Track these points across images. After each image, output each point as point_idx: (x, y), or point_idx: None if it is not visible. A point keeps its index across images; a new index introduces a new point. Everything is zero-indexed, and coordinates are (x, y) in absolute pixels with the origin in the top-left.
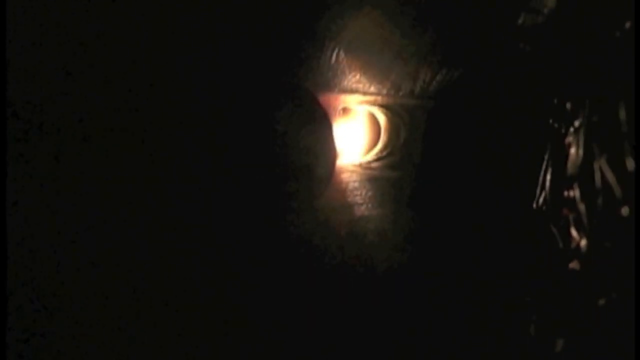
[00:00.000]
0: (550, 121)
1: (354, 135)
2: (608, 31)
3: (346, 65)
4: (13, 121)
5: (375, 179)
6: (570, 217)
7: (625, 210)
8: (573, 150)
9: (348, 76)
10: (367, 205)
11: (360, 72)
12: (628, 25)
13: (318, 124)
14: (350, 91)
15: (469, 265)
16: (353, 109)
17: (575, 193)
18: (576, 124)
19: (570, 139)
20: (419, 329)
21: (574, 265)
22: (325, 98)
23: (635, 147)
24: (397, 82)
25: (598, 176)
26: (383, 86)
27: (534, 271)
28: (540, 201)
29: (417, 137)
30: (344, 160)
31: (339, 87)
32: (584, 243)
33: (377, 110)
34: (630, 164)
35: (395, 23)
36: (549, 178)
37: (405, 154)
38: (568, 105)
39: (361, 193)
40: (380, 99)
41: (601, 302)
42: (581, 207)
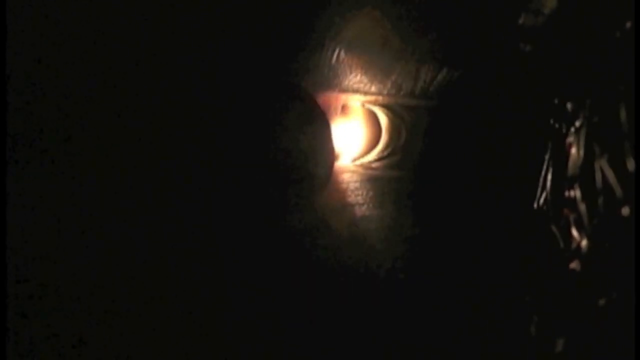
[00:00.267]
0: (551, 121)
1: (354, 135)
2: (608, 31)
3: (347, 65)
4: (13, 121)
5: (376, 179)
6: (571, 217)
7: (625, 210)
8: (574, 150)
9: (349, 76)
10: (368, 205)
11: (361, 72)
12: (628, 25)
13: (316, 124)
14: (351, 91)
15: (470, 265)
16: (354, 108)
17: (576, 193)
18: (577, 124)
19: (571, 139)
20: (419, 329)
21: (574, 265)
22: (326, 98)
23: (636, 147)
24: (398, 82)
25: (599, 176)
26: (384, 86)
27: (534, 271)
28: (541, 201)
29: (418, 137)
30: (344, 160)
31: (339, 87)
32: (584, 243)
33: (378, 110)
34: (631, 164)
35: (396, 23)
36: (549, 178)
37: (406, 153)
38: (569, 106)
39: (362, 193)
40: (381, 98)
41: (601, 302)
42: (582, 207)
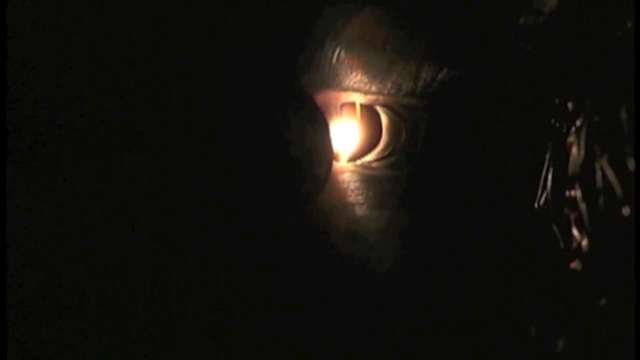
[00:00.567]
0: (552, 121)
1: (355, 135)
2: (608, 31)
3: (347, 65)
4: (13, 122)
5: (377, 179)
6: (572, 217)
7: (626, 210)
8: (574, 150)
9: (349, 76)
10: (368, 205)
11: (361, 72)
12: (629, 25)
13: (315, 124)
14: (351, 91)
15: (470, 265)
16: (354, 108)
17: (576, 193)
18: (577, 123)
19: (571, 139)
20: (418, 329)
21: (575, 265)
22: (326, 97)
23: (636, 147)
24: (399, 82)
25: (599, 176)
26: (384, 86)
27: (534, 271)
28: (542, 201)
29: (418, 137)
30: (345, 159)
31: (340, 87)
32: (585, 243)
33: (379, 110)
34: (631, 164)
35: (396, 23)
36: (550, 178)
37: (406, 153)
38: (569, 105)
39: (362, 193)
40: (382, 98)
41: (602, 302)
42: (582, 207)
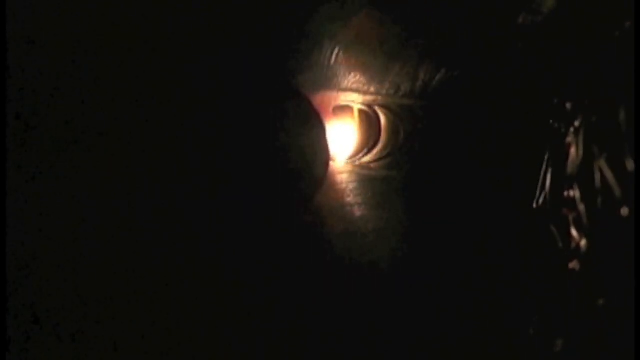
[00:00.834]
0: (550, 121)
1: (353, 135)
2: (607, 31)
3: (345, 65)
4: (13, 122)
5: (375, 179)
6: (570, 217)
7: (625, 211)
8: (573, 150)
9: (347, 76)
10: (367, 206)
11: (359, 72)
12: (628, 25)
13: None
14: (349, 91)
15: (468, 265)
16: (352, 108)
17: (575, 193)
18: (576, 124)
19: (570, 139)
20: (417, 330)
21: (573, 265)
22: (324, 98)
23: (635, 148)
24: (397, 83)
25: (598, 176)
26: (382, 86)
27: (533, 271)
28: (540, 201)
29: (417, 138)
30: (343, 160)
31: (338, 87)
32: (583, 243)
33: (377, 110)
34: (630, 164)
35: (394, 23)
36: (549, 178)
37: (405, 154)
38: (568, 105)
39: (361, 193)
40: (380, 98)
41: (601, 302)
42: (581, 207)
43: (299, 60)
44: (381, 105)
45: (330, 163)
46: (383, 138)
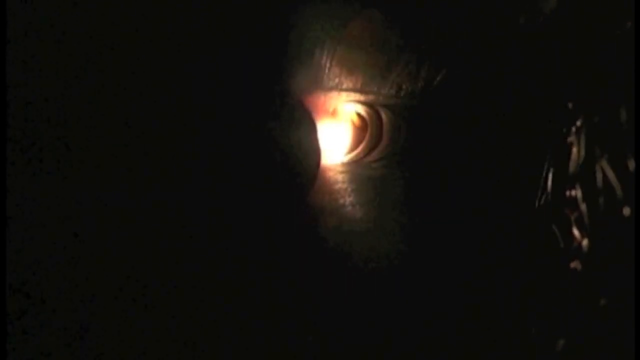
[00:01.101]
0: (552, 121)
1: (354, 135)
2: (608, 31)
3: (347, 65)
4: (12, 122)
5: (376, 179)
6: (572, 217)
7: (626, 211)
8: (575, 150)
9: (348, 76)
10: (368, 205)
11: (360, 72)
12: (628, 25)
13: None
14: (351, 90)
15: (469, 265)
16: (353, 108)
17: (576, 193)
18: (578, 123)
19: (571, 139)
20: (417, 330)
21: (575, 265)
22: (325, 97)
23: (636, 148)
24: (398, 82)
25: (599, 176)
26: (384, 86)
27: (534, 271)
28: (542, 201)
29: (418, 137)
30: (344, 160)
31: (340, 87)
32: (585, 243)
33: (378, 110)
34: (632, 164)
35: (395, 22)
36: (550, 178)
37: (406, 153)
38: (569, 105)
39: (362, 193)
40: (381, 98)
41: (602, 302)
42: (583, 207)
43: (300, 61)
44: (383, 105)
45: (331, 163)
46: (384, 138)
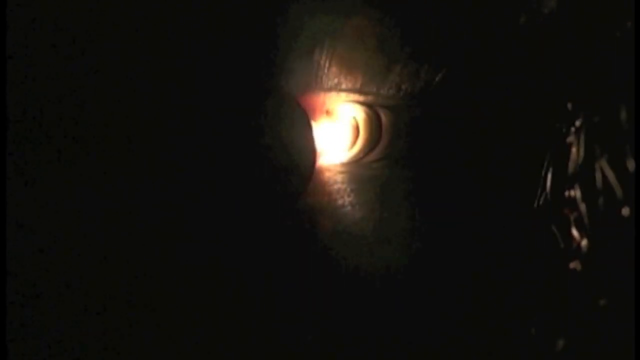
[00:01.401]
0: (551, 121)
1: (353, 135)
2: (608, 31)
3: (346, 65)
4: (12, 122)
5: (376, 179)
6: (571, 217)
7: (626, 211)
8: (574, 150)
9: (348, 76)
10: (368, 206)
11: (360, 72)
12: (629, 25)
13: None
14: (350, 91)
15: (468, 266)
16: (353, 109)
17: (576, 193)
18: (577, 123)
19: (571, 139)
20: (417, 330)
21: (574, 265)
22: (324, 98)
23: (636, 148)
24: (398, 82)
25: (599, 176)
26: (383, 86)
27: (534, 271)
28: (541, 201)
29: (418, 137)
30: (343, 160)
31: (339, 87)
32: (584, 243)
33: (378, 111)
34: (631, 165)
35: (394, 22)
36: (549, 178)
37: (406, 154)
38: (569, 105)
39: (362, 193)
40: (381, 98)
41: (602, 302)
42: (582, 207)
43: (299, 61)
44: (382, 105)
45: (331, 163)
46: (384, 138)
